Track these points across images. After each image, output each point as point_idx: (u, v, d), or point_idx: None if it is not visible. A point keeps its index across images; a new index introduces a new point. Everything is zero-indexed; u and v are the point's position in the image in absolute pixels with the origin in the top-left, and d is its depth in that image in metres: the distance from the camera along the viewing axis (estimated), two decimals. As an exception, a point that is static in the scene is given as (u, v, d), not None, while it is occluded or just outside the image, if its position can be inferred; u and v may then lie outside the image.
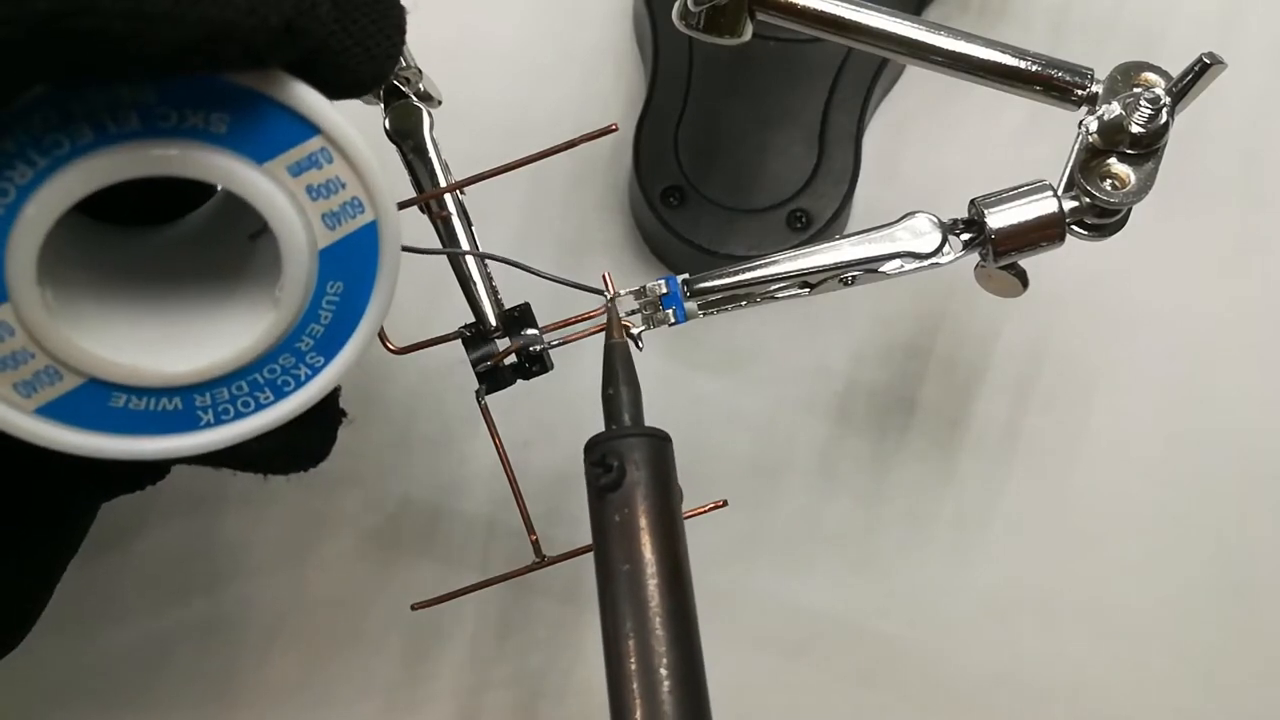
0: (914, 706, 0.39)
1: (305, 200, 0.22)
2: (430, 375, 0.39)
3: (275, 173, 0.22)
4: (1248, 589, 0.39)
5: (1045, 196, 0.29)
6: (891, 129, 0.42)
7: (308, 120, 0.22)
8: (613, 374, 0.28)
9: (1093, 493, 0.40)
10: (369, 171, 0.22)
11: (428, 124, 0.30)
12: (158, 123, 0.21)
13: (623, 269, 0.41)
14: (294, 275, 0.23)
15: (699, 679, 0.24)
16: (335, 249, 0.23)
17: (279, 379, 0.24)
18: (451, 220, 0.30)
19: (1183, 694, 0.39)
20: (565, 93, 0.42)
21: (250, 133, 0.21)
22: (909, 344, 0.41)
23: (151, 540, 0.38)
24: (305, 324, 0.23)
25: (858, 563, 0.39)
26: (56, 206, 0.20)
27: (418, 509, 0.39)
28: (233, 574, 0.39)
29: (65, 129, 0.20)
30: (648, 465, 0.26)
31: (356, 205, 0.23)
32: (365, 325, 0.24)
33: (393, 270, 0.24)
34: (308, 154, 0.22)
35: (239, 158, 0.21)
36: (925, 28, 0.30)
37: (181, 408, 0.23)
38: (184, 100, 0.21)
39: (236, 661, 0.38)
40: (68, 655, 0.38)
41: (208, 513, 0.39)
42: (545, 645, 0.38)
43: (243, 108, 0.21)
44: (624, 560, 0.25)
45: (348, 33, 0.22)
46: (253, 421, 0.24)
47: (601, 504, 0.26)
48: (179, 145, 0.21)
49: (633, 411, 0.27)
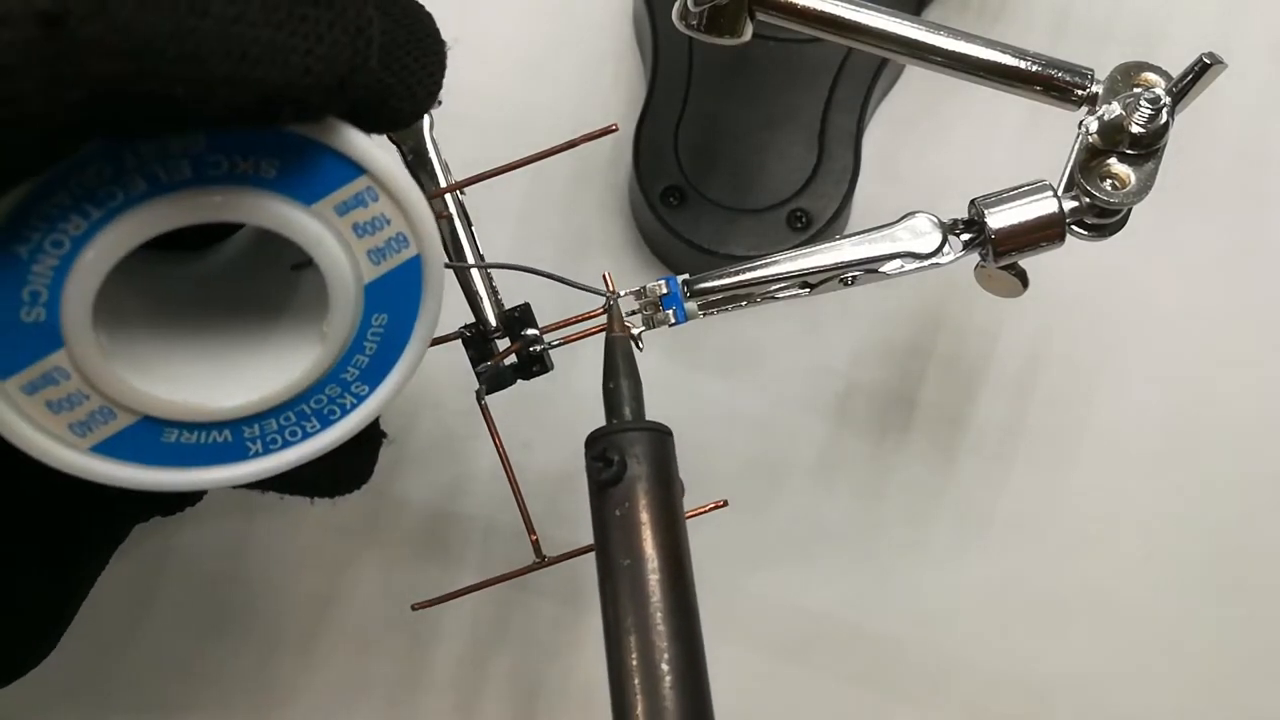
0: (914, 706, 0.39)
1: (352, 238, 0.23)
2: (430, 375, 0.39)
3: (323, 213, 0.22)
4: (1248, 589, 0.39)
5: (1045, 196, 0.29)
6: (891, 129, 0.42)
7: (354, 161, 0.22)
8: (614, 368, 0.27)
9: (1092, 492, 0.40)
10: (413, 207, 0.23)
11: (428, 124, 0.30)
12: (208, 170, 0.21)
13: (623, 269, 0.41)
14: (341, 311, 0.23)
15: (701, 674, 0.24)
16: (380, 283, 0.23)
17: (325, 408, 0.24)
18: (452, 221, 0.30)
19: (1183, 693, 0.39)
20: (565, 93, 0.42)
21: (299, 176, 0.22)
22: (909, 344, 0.41)
23: (151, 542, 0.38)
24: (351, 355, 0.24)
25: (858, 563, 0.39)
26: (110, 256, 0.21)
27: (418, 509, 0.39)
28: (232, 574, 0.39)
29: (119, 181, 0.20)
30: (649, 459, 0.25)
31: (401, 240, 0.23)
32: (410, 354, 0.24)
33: (436, 300, 0.24)
34: (354, 194, 0.22)
35: (288, 200, 0.22)
36: (925, 28, 0.30)
37: (231, 439, 0.24)
38: (234, 148, 0.21)
39: (236, 662, 0.38)
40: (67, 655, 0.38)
41: (207, 515, 0.39)
42: (545, 645, 0.38)
43: (292, 153, 0.21)
44: (625, 555, 0.25)
45: (393, 74, 0.22)
46: (300, 450, 0.24)
47: (602, 498, 0.25)
48: (229, 192, 0.21)
49: (634, 405, 0.27)
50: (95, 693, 0.38)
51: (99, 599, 0.38)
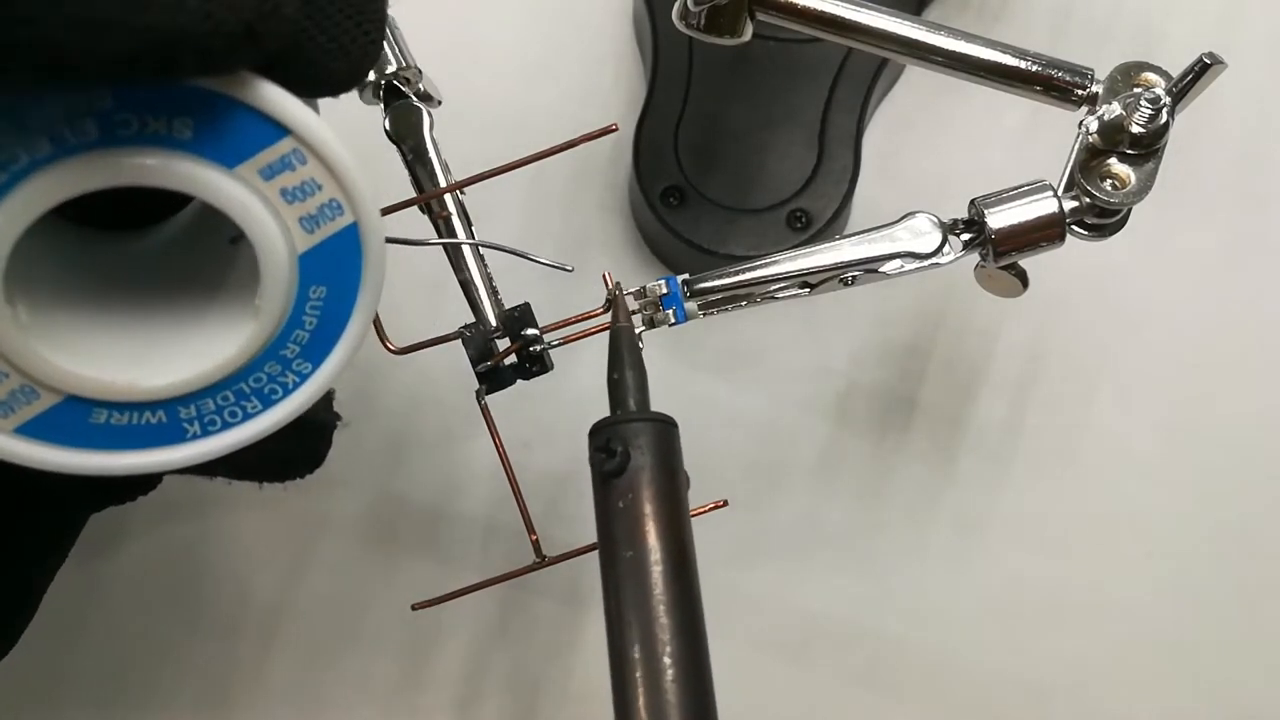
0: (914, 706, 0.39)
1: (280, 204, 0.21)
2: (430, 375, 0.39)
3: (247, 177, 0.21)
4: (1248, 588, 0.39)
5: (1045, 196, 0.29)
6: (891, 129, 0.42)
7: (277, 121, 0.21)
8: (618, 358, 0.27)
9: (1092, 492, 0.40)
10: (345, 172, 0.22)
11: (428, 124, 0.30)
12: (117, 130, 0.20)
13: (623, 269, 0.41)
14: (273, 282, 0.22)
15: (704, 668, 0.24)
16: (315, 253, 0.22)
17: (265, 388, 0.23)
18: (451, 220, 0.30)
19: (1183, 693, 0.39)
20: (565, 93, 0.42)
21: (217, 137, 0.20)
22: (909, 344, 0.41)
23: (151, 540, 0.38)
24: (289, 331, 0.23)
25: (858, 563, 0.39)
26: (16, 223, 0.20)
27: (418, 509, 0.39)
28: (232, 574, 0.39)
29: (20, 142, 0.19)
30: (653, 451, 0.25)
31: (335, 207, 0.22)
32: (352, 329, 0.23)
33: (378, 272, 0.23)
34: (279, 156, 0.21)
35: (207, 163, 0.21)
36: (925, 28, 0.30)
37: (166, 421, 0.23)
38: (144, 106, 0.20)
39: (236, 662, 0.38)
40: (66, 655, 0.38)
41: (207, 513, 0.39)
42: (545, 645, 0.38)
43: (207, 111, 0.20)
44: (628, 547, 0.24)
45: (320, 29, 0.21)
46: (241, 432, 0.23)
47: (605, 489, 0.25)
48: (141, 154, 0.20)
49: (638, 396, 0.26)
50: (91, 693, 0.38)
51: (95, 599, 0.38)
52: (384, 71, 0.30)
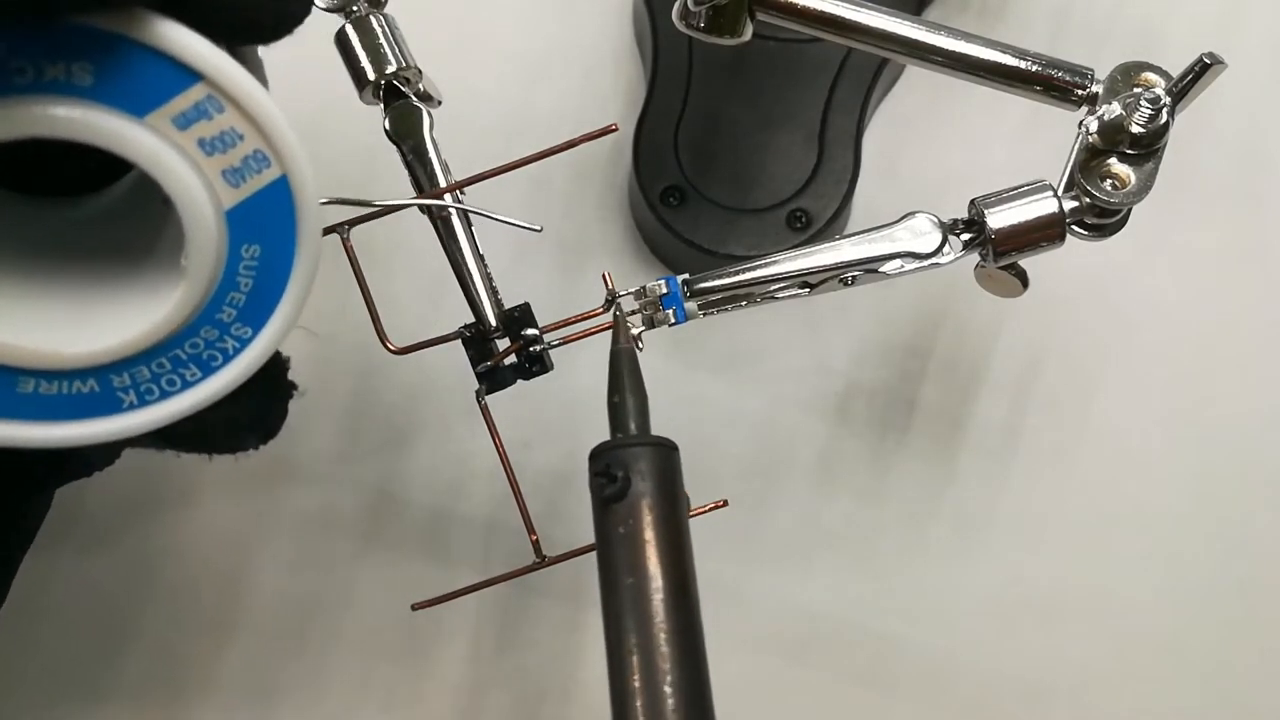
0: (914, 706, 0.39)
1: (199, 156, 0.20)
2: (430, 375, 0.39)
3: (158, 126, 0.20)
4: (1249, 588, 0.39)
5: (1045, 196, 0.29)
6: (891, 129, 0.42)
7: (185, 65, 0.19)
8: (619, 381, 0.27)
9: (1093, 492, 0.40)
10: (268, 119, 0.20)
11: (428, 124, 0.30)
12: (12, 79, 0.18)
13: (623, 269, 0.41)
14: (199, 240, 0.20)
15: (705, 698, 0.24)
16: (244, 209, 0.21)
17: (203, 354, 0.22)
18: (451, 220, 0.30)
19: (1183, 693, 0.39)
20: (565, 93, 0.42)
21: (121, 83, 0.19)
22: (909, 344, 0.41)
23: (150, 538, 0.38)
24: (223, 293, 0.22)
25: (858, 563, 0.39)
26: None
27: (418, 509, 0.39)
28: (232, 573, 0.39)
29: None
30: (654, 475, 0.25)
31: (260, 159, 0.21)
32: (292, 291, 0.22)
33: (314, 227, 0.22)
34: (193, 103, 0.20)
35: (111, 111, 0.19)
36: (925, 28, 0.30)
37: (99, 390, 0.22)
38: (39, 51, 0.18)
39: (235, 662, 0.38)
40: (65, 654, 0.38)
41: (206, 511, 0.39)
42: (545, 645, 0.38)
43: (107, 55, 0.19)
44: (628, 574, 0.24)
45: None
46: (180, 401, 0.22)
47: (605, 515, 0.25)
48: (39, 102, 0.19)
49: (639, 420, 0.26)
50: (90, 693, 0.38)
51: (92, 597, 0.38)
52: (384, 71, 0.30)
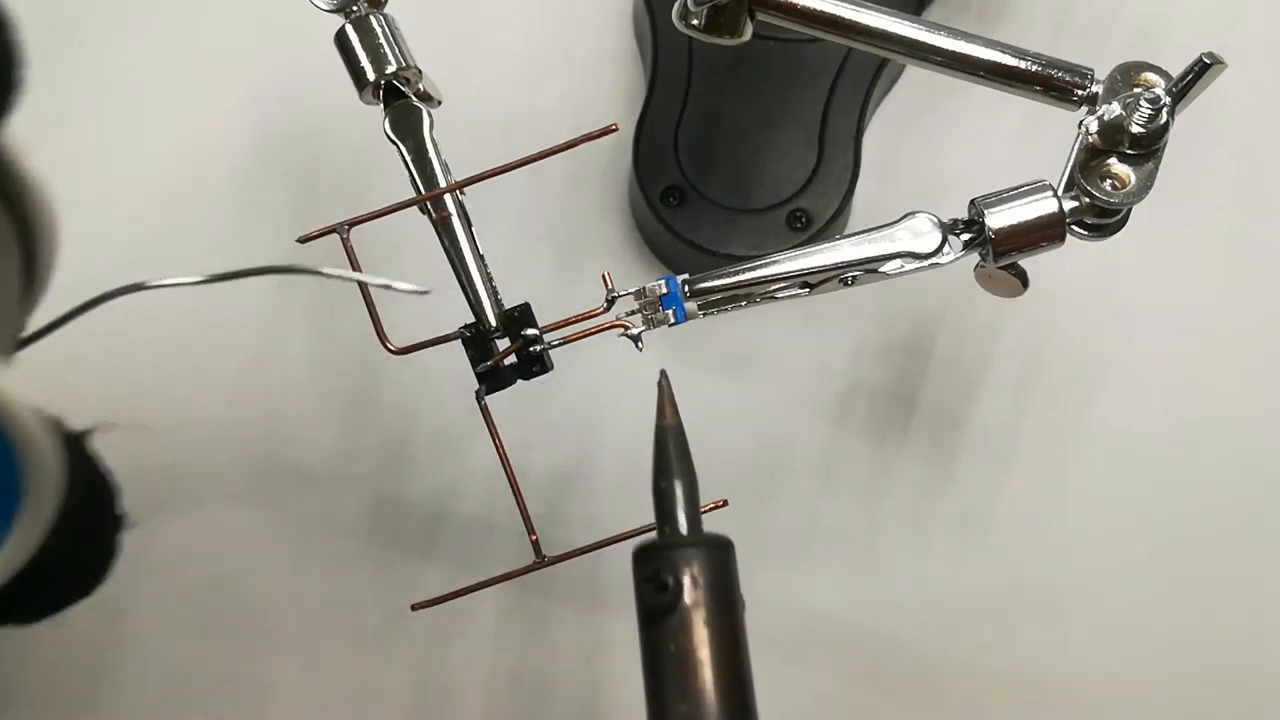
0: (914, 706, 0.39)
1: None
2: (430, 375, 0.39)
3: None
4: (1249, 588, 0.39)
5: (1045, 196, 0.29)
6: (891, 129, 0.42)
7: None
8: (666, 464, 0.24)
9: (1093, 492, 0.40)
10: None
11: (428, 124, 0.31)
12: None
13: (623, 269, 0.41)
14: None
15: None
16: None
17: None
18: (451, 221, 0.30)
19: (1183, 693, 0.39)
20: (565, 93, 0.42)
21: None
22: (909, 344, 0.41)
23: (149, 539, 0.38)
24: None
25: (858, 563, 0.39)
26: None
27: (418, 509, 0.39)
28: (232, 574, 0.39)
29: None
30: (709, 583, 0.22)
31: None
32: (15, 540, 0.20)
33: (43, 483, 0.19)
34: None
35: None
36: (925, 28, 0.30)
37: None
38: None
39: (235, 662, 0.38)
40: (64, 653, 0.38)
41: (206, 512, 0.39)
42: (546, 645, 0.38)
43: None
44: (680, 699, 0.21)
45: None
46: None
47: (653, 629, 0.22)
48: None
49: (690, 511, 0.23)
50: (89, 693, 0.38)
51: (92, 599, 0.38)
52: (384, 71, 0.30)
